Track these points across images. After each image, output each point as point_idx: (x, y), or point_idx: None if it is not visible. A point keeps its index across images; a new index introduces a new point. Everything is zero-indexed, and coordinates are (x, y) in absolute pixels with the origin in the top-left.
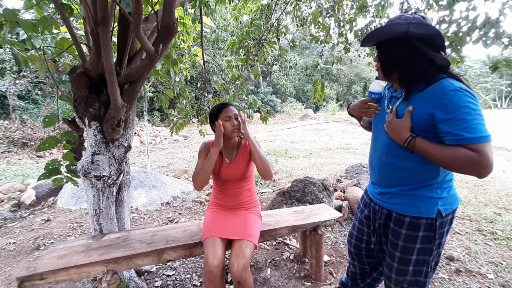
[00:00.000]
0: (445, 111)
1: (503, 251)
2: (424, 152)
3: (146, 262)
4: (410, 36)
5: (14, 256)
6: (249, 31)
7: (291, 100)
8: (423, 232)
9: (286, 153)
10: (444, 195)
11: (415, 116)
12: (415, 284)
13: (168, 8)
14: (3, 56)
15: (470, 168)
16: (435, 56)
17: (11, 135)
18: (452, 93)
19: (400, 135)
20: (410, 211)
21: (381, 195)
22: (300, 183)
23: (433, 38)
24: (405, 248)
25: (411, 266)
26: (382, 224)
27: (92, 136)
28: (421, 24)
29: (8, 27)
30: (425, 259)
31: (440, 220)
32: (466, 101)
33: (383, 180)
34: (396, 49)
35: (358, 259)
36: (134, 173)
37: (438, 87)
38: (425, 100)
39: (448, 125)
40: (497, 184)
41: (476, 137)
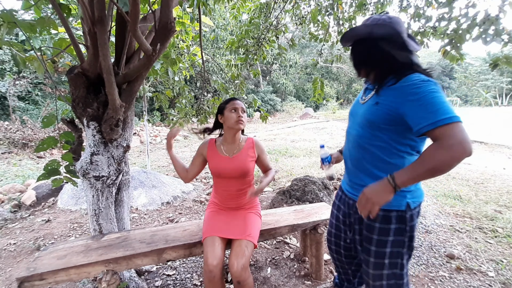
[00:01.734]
0: (411, 101)
1: (503, 249)
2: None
3: (146, 262)
4: (374, 36)
5: (15, 256)
6: (248, 30)
7: (291, 99)
8: (395, 224)
9: (286, 152)
10: (412, 189)
11: (384, 109)
12: (393, 277)
13: (166, 7)
14: (2, 57)
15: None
16: (397, 54)
17: (11, 136)
18: (417, 85)
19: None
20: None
21: (355, 189)
22: (300, 182)
23: (393, 38)
24: (379, 241)
25: (387, 259)
26: (357, 218)
27: (91, 136)
28: (383, 25)
29: (6, 28)
30: (399, 251)
31: (409, 212)
32: (430, 89)
33: (356, 173)
34: (362, 48)
35: (338, 257)
36: (134, 173)
37: (404, 81)
38: (393, 94)
39: (412, 116)
40: (498, 181)
41: (431, 122)
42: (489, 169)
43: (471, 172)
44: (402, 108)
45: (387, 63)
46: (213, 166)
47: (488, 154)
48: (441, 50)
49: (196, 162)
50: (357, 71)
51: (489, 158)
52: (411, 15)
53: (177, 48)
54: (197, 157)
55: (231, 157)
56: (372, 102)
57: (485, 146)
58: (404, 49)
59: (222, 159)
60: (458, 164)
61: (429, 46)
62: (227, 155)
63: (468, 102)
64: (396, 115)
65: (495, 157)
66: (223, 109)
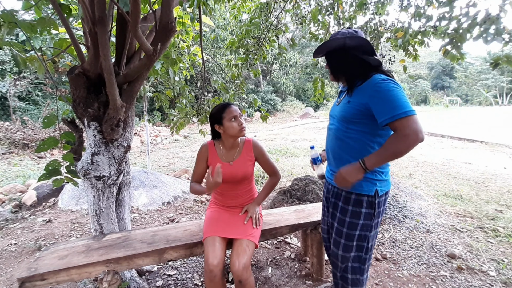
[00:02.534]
0: (373, 100)
1: (505, 248)
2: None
3: (147, 262)
4: (347, 47)
5: (16, 257)
6: (249, 29)
7: (292, 99)
8: (365, 209)
9: (287, 152)
10: (381, 178)
11: (355, 106)
12: (357, 260)
13: (166, 7)
14: (3, 58)
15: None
16: (369, 59)
17: (12, 136)
18: (379, 84)
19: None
20: (355, 189)
21: (333, 175)
22: (300, 182)
23: (364, 47)
24: (351, 223)
25: (355, 241)
26: (332, 202)
27: (92, 136)
28: (354, 37)
29: (6, 28)
30: (366, 235)
31: (378, 199)
32: (390, 87)
33: (335, 162)
34: (338, 58)
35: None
36: (134, 173)
37: (370, 81)
38: (362, 92)
39: (376, 111)
40: (499, 181)
41: (390, 117)
42: (490, 169)
43: (472, 171)
44: (369, 104)
45: (360, 67)
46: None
47: (488, 154)
48: (441, 50)
49: (200, 169)
50: (335, 77)
51: (489, 157)
52: (411, 15)
53: (178, 48)
54: (200, 163)
55: (231, 164)
56: (345, 101)
57: (486, 146)
58: (373, 54)
59: (223, 166)
60: (413, 148)
61: (429, 46)
62: (227, 162)
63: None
64: (365, 110)
65: (495, 156)
66: (220, 119)
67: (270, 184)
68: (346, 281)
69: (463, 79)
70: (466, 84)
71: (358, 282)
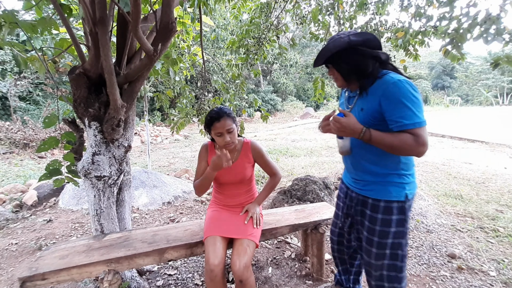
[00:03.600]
0: (388, 101)
1: (505, 248)
2: (378, 140)
3: (148, 261)
4: (353, 44)
5: (16, 256)
6: (249, 29)
7: (292, 99)
8: (396, 215)
9: (287, 152)
10: (409, 180)
11: (369, 113)
12: (393, 269)
13: (167, 7)
14: (3, 58)
15: (412, 149)
16: (378, 53)
17: (12, 136)
18: (392, 85)
19: (354, 129)
20: (384, 195)
21: (356, 182)
22: (301, 182)
23: (371, 41)
24: (382, 232)
25: (388, 249)
26: (358, 210)
27: (92, 136)
28: (357, 33)
29: (7, 28)
30: (400, 242)
31: (408, 203)
32: (404, 91)
33: (356, 169)
34: (346, 57)
35: (338, 248)
36: (135, 173)
37: (381, 82)
38: (374, 96)
39: (391, 113)
40: (499, 181)
41: (412, 123)
42: (490, 169)
43: (472, 171)
44: (383, 108)
45: (371, 63)
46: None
47: (489, 154)
48: (442, 50)
49: (203, 168)
50: (347, 81)
51: (490, 157)
52: (412, 14)
53: (178, 48)
54: (202, 163)
55: (230, 166)
56: (358, 109)
57: (486, 146)
58: (380, 48)
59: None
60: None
61: (430, 46)
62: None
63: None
64: (379, 115)
65: (496, 156)
66: (209, 130)
67: (270, 184)
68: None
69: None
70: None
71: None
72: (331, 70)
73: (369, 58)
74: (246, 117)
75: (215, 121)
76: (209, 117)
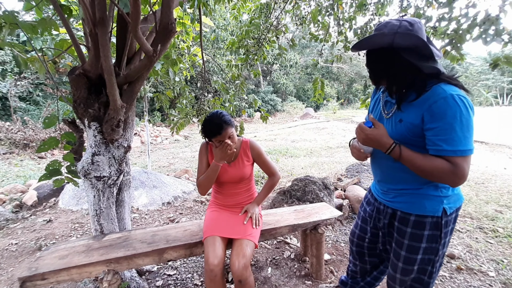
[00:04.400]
0: (433, 118)
1: (504, 248)
2: (408, 160)
3: (147, 261)
4: (396, 47)
5: (16, 256)
6: (249, 30)
7: (292, 99)
8: (428, 230)
9: (287, 152)
10: (449, 194)
11: (408, 127)
12: (419, 283)
13: (166, 8)
14: (4, 58)
15: (445, 178)
16: (422, 66)
17: (12, 136)
18: (442, 101)
19: (381, 143)
20: (416, 209)
21: (386, 194)
22: (300, 182)
23: (419, 49)
24: (410, 246)
25: (416, 265)
26: (386, 223)
27: (92, 136)
28: (407, 34)
29: (7, 29)
30: (430, 258)
31: (445, 218)
32: (454, 111)
33: (387, 180)
34: (383, 59)
35: (360, 258)
36: (135, 173)
37: (430, 94)
38: (418, 108)
39: (432, 133)
40: (499, 181)
41: (453, 150)
42: (489, 169)
43: (471, 172)
44: (425, 124)
45: (410, 75)
46: None
47: (489, 154)
48: (441, 50)
49: (204, 166)
50: (376, 81)
51: (490, 158)
52: (411, 15)
53: (178, 48)
54: (203, 161)
55: (229, 165)
56: (396, 119)
57: (486, 146)
58: (430, 59)
59: (221, 167)
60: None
61: None
62: (225, 163)
63: None
64: (421, 130)
65: (496, 157)
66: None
67: (269, 184)
68: None
69: (463, 79)
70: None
71: None
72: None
73: (410, 69)
74: (246, 117)
75: (217, 134)
76: (209, 130)
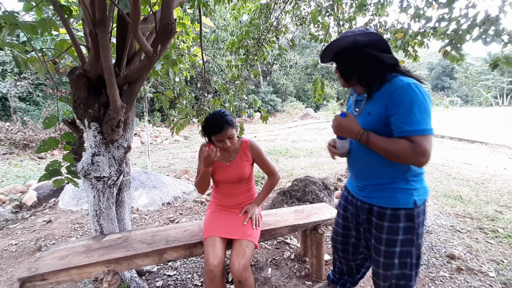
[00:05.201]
0: (394, 105)
1: (504, 249)
2: (375, 143)
3: (147, 262)
4: (358, 44)
5: (16, 257)
6: (249, 30)
7: (292, 100)
8: (403, 222)
9: (287, 153)
10: (417, 186)
11: (376, 118)
12: (402, 277)
13: (166, 8)
14: (3, 58)
15: (409, 157)
16: (384, 57)
17: (12, 136)
18: (401, 89)
19: (352, 130)
20: (390, 203)
21: (362, 190)
22: (300, 183)
23: (378, 43)
24: (389, 240)
25: (396, 259)
26: (365, 219)
27: (92, 137)
28: (365, 33)
29: (7, 29)
30: (408, 250)
31: (416, 210)
32: (412, 96)
33: (362, 176)
34: (350, 57)
35: (344, 255)
36: (135, 173)
37: (390, 85)
38: (381, 97)
39: (395, 118)
40: (499, 182)
41: (414, 129)
42: (489, 169)
43: (471, 172)
44: (388, 111)
45: (376, 66)
46: (212, 173)
47: (489, 154)
48: (441, 51)
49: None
50: (347, 82)
51: (489, 158)
52: (411, 16)
53: (178, 49)
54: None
55: (228, 165)
56: (365, 113)
57: (486, 146)
58: (388, 52)
59: (220, 166)
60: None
61: (429, 47)
62: (224, 162)
63: (469, 102)
64: (387, 118)
65: (495, 157)
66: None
67: (269, 184)
68: None
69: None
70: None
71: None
72: (336, 68)
73: (374, 61)
74: (245, 117)
75: (216, 133)
76: (210, 127)
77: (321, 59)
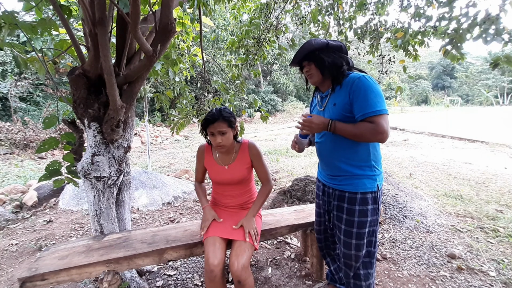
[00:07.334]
0: (354, 94)
1: (505, 248)
2: (342, 129)
3: (147, 262)
4: (330, 46)
5: (16, 257)
6: (249, 30)
7: (292, 99)
8: (371, 205)
9: (287, 152)
10: (379, 172)
11: (341, 106)
12: (367, 255)
13: (166, 8)
14: (4, 59)
15: (372, 136)
16: (346, 58)
17: (12, 136)
18: (357, 80)
19: (323, 123)
20: (360, 188)
21: (333, 179)
22: (300, 182)
23: (342, 48)
24: (360, 222)
25: (365, 239)
26: (335, 205)
27: (92, 137)
28: (333, 40)
29: (7, 29)
30: (374, 230)
31: (378, 192)
32: (366, 85)
33: (332, 166)
34: (326, 56)
35: (326, 244)
36: (135, 173)
37: (349, 79)
38: (343, 91)
39: (356, 104)
40: (499, 181)
41: (373, 111)
42: (490, 169)
43: (472, 171)
44: (351, 100)
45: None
46: (210, 175)
47: (489, 154)
48: (441, 50)
49: (200, 170)
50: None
51: (490, 157)
52: (411, 15)
53: (178, 48)
54: (199, 164)
55: (226, 168)
56: (331, 105)
57: (487, 146)
58: (347, 54)
59: (219, 169)
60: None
61: (429, 46)
62: (223, 165)
63: (470, 102)
64: (350, 106)
65: (496, 156)
66: (205, 130)
67: (263, 193)
68: (359, 277)
69: (463, 79)
70: (467, 84)
71: (369, 275)
72: (308, 66)
73: (341, 59)
74: (246, 117)
75: (209, 123)
76: (206, 118)
77: (293, 60)
